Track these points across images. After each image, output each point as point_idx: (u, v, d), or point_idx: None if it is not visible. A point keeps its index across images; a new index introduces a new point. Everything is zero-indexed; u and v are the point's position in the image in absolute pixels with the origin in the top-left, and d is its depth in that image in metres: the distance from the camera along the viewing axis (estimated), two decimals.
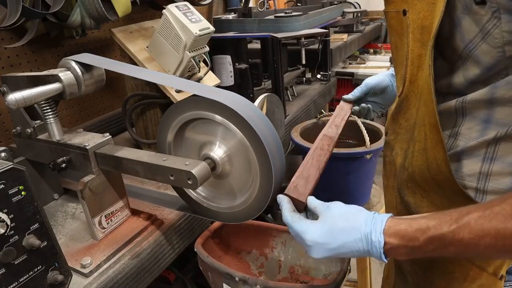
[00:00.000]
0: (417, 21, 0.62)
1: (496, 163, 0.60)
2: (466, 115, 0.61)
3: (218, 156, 0.79)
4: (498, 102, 0.57)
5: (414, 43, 0.64)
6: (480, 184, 0.62)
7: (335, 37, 2.52)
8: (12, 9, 0.96)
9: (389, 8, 0.70)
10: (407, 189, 0.73)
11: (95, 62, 0.84)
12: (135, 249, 0.84)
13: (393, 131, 0.79)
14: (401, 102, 0.73)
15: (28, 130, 0.89)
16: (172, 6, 1.12)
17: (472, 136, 0.61)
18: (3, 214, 0.62)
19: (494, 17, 0.52)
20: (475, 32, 0.55)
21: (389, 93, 1.09)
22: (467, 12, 0.55)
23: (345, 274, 0.91)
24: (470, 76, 0.59)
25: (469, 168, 0.63)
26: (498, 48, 0.53)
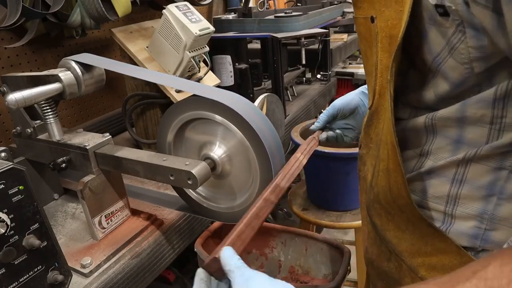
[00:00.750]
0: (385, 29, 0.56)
1: (465, 186, 0.54)
2: (436, 133, 0.56)
3: (218, 156, 0.79)
4: (468, 121, 0.51)
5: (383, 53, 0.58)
6: (448, 208, 0.56)
7: (335, 37, 2.52)
8: (12, 9, 0.96)
9: (358, 13, 0.64)
10: (373, 210, 0.68)
11: (95, 62, 0.84)
12: (135, 249, 0.84)
13: (365, 145, 0.72)
14: (371, 115, 0.67)
15: (28, 130, 0.89)
16: (172, 6, 1.12)
17: (442, 156, 0.56)
18: (3, 214, 0.62)
19: (459, 31, 0.46)
20: (442, 45, 0.50)
21: (361, 114, 0.96)
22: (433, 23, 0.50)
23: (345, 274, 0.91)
24: (440, 92, 0.53)
25: (436, 189, 0.57)
26: (465, 65, 0.48)
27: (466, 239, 0.54)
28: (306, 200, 1.52)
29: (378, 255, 0.69)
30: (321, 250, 1.05)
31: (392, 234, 0.63)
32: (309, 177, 1.49)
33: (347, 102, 0.96)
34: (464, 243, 0.54)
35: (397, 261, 0.63)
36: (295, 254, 1.10)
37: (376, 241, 0.69)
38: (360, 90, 0.97)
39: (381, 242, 0.66)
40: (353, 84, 3.33)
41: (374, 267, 0.73)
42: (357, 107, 0.95)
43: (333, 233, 2.53)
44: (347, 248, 0.98)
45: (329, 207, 1.44)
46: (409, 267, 0.61)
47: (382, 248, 0.67)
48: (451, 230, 0.56)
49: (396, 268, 0.64)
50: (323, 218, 1.41)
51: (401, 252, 0.62)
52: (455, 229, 0.55)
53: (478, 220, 0.53)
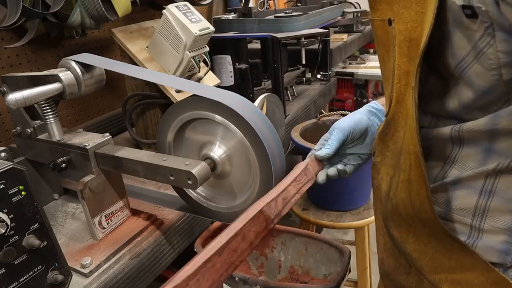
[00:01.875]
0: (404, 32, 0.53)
1: (495, 198, 0.51)
2: (464, 143, 0.53)
3: (218, 156, 0.79)
4: (500, 133, 0.49)
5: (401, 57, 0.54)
6: (476, 221, 0.53)
7: (335, 37, 2.52)
8: (12, 9, 0.96)
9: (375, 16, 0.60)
10: (392, 221, 0.64)
11: (95, 62, 0.84)
12: (135, 249, 0.84)
13: (380, 152, 0.67)
14: (388, 123, 0.63)
15: (28, 130, 0.89)
16: (172, 6, 1.12)
17: (469, 165, 0.53)
18: (3, 214, 0.62)
19: (488, 34, 0.43)
20: (467, 50, 0.46)
21: (371, 136, 0.78)
22: (458, 25, 0.46)
23: (345, 274, 0.91)
24: (464, 100, 0.50)
25: (463, 201, 0.54)
26: (493, 71, 0.45)
27: (495, 255, 0.51)
28: (306, 200, 1.52)
29: (395, 268, 0.66)
30: (321, 250, 1.05)
31: (412, 248, 0.60)
32: None
33: (356, 123, 0.77)
34: (493, 259, 0.51)
35: (418, 276, 0.60)
36: (295, 254, 1.10)
37: (394, 253, 0.65)
38: (365, 109, 0.81)
39: (400, 254, 0.63)
40: (353, 84, 3.34)
41: (391, 280, 0.69)
42: (366, 128, 0.77)
43: (333, 233, 2.53)
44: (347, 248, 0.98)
45: (329, 207, 1.44)
46: (431, 282, 0.58)
47: (401, 261, 0.63)
48: (478, 244, 0.52)
49: (416, 282, 0.61)
50: (323, 218, 1.41)
51: (422, 267, 0.58)
52: (483, 243, 0.52)
53: (508, 235, 0.50)
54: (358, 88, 3.35)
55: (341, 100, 3.37)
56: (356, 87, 3.36)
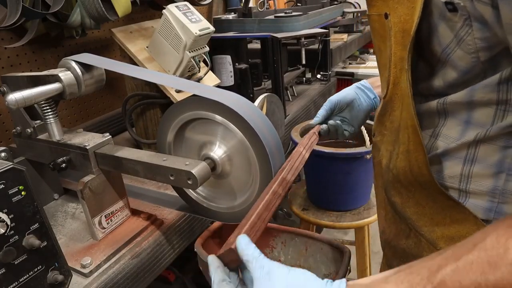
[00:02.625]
0: (399, 24, 0.62)
1: (476, 165, 0.59)
2: (447, 115, 0.62)
3: (218, 156, 0.79)
4: (476, 104, 0.57)
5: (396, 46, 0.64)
6: (462, 186, 0.61)
7: (335, 37, 2.52)
8: (12, 9, 0.96)
9: (372, 11, 0.70)
10: (393, 189, 0.72)
11: (95, 62, 0.84)
12: (135, 249, 0.84)
13: (379, 132, 0.78)
14: (385, 104, 0.73)
15: (28, 130, 0.89)
16: (172, 6, 1.12)
17: (452, 136, 0.61)
18: (3, 214, 0.62)
19: (466, 25, 0.52)
20: (450, 38, 0.55)
21: (356, 107, 1.01)
22: (442, 18, 0.55)
23: (345, 274, 0.91)
24: (448, 79, 0.59)
25: (451, 170, 0.62)
26: (472, 54, 0.54)
27: (481, 212, 0.59)
28: (306, 200, 1.52)
29: (396, 234, 0.73)
30: (321, 250, 1.05)
31: (412, 210, 0.67)
32: (309, 177, 1.49)
33: (343, 96, 1.01)
34: (480, 216, 0.58)
35: (416, 237, 0.67)
36: (295, 254, 1.10)
37: (395, 221, 0.73)
38: (354, 85, 1.01)
39: (400, 220, 0.71)
40: None
41: (391, 247, 0.78)
42: (353, 100, 1.00)
43: (333, 233, 2.53)
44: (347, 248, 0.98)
45: (329, 207, 1.44)
46: (428, 241, 0.65)
47: (402, 226, 0.71)
48: (467, 204, 0.60)
49: (415, 243, 0.69)
50: (323, 218, 1.41)
51: (421, 227, 0.66)
52: (471, 203, 0.60)
53: (490, 195, 0.58)
54: None
55: None
56: None
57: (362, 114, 1.01)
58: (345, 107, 1.02)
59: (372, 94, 1.00)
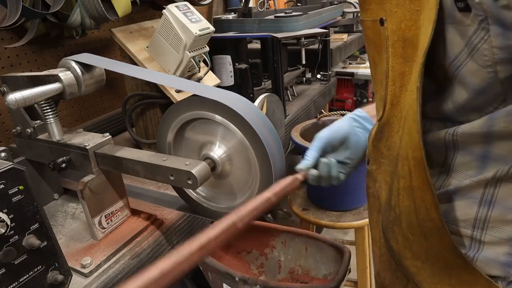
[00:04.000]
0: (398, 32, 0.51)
1: (496, 208, 0.48)
2: (458, 149, 0.50)
3: (218, 156, 0.79)
4: (497, 136, 0.45)
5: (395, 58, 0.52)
6: (476, 232, 0.50)
7: (335, 37, 2.52)
8: (12, 9, 0.96)
9: (365, 16, 0.57)
10: (391, 233, 0.60)
11: (95, 62, 0.84)
12: (135, 249, 0.84)
13: (374, 160, 0.65)
14: (381, 127, 0.60)
15: (28, 130, 0.89)
16: (172, 6, 1.12)
17: (467, 173, 0.50)
18: (3, 214, 0.62)
19: (482, 29, 0.40)
20: (460, 47, 0.44)
21: (353, 143, 0.76)
22: (451, 21, 0.43)
23: (345, 274, 0.91)
24: (458, 101, 0.47)
25: (463, 212, 0.51)
26: (489, 68, 0.42)
27: (496, 267, 0.49)
28: (306, 200, 1.52)
29: (392, 282, 0.63)
30: (321, 250, 1.05)
31: (410, 263, 0.57)
32: None
33: (334, 131, 0.77)
34: (495, 272, 0.49)
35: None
36: (295, 254, 1.10)
37: (390, 266, 0.63)
38: (347, 116, 0.80)
39: (397, 267, 0.60)
40: (353, 84, 3.33)
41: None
42: (347, 136, 0.76)
43: (333, 233, 2.52)
44: (347, 248, 0.98)
45: (329, 207, 1.44)
46: None
47: (398, 274, 0.61)
48: (479, 257, 0.50)
49: None
50: (323, 218, 1.41)
51: (421, 282, 0.56)
52: (484, 256, 0.50)
53: (511, 245, 0.48)
54: (358, 88, 3.35)
55: (341, 100, 3.37)
56: (356, 87, 3.36)
57: (361, 151, 0.77)
58: (338, 145, 0.77)
59: (370, 126, 0.77)
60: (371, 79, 0.65)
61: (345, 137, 0.76)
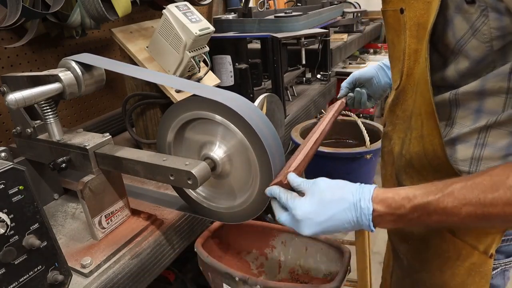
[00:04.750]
0: (414, 18, 0.67)
1: (487, 149, 0.64)
2: (459, 106, 0.66)
3: (218, 156, 0.79)
4: (487, 93, 0.61)
5: (411, 39, 0.69)
6: (472, 168, 0.66)
7: (335, 37, 2.52)
8: (12, 9, 0.96)
9: (387, 7, 0.75)
10: (405, 174, 0.77)
11: (95, 62, 0.84)
12: (135, 249, 0.84)
13: (390, 122, 0.83)
14: (398, 94, 0.77)
15: (28, 130, 0.89)
16: (172, 6, 1.12)
17: (466, 124, 0.66)
18: (3, 214, 0.62)
19: (483, 15, 0.57)
20: (465, 29, 0.59)
21: (375, 84, 1.13)
22: (459, 11, 0.59)
23: (345, 274, 0.91)
24: (460, 69, 0.63)
25: (462, 153, 0.67)
26: (487, 43, 0.58)
27: None
28: None
29: None
30: (321, 250, 1.05)
31: None
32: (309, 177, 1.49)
33: (364, 72, 1.13)
34: None
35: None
36: (295, 254, 1.10)
37: None
38: (378, 64, 1.13)
39: None
40: None
41: (398, 231, 0.85)
42: (372, 77, 1.12)
43: None
44: (347, 248, 0.98)
45: None
46: None
47: None
48: None
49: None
50: None
51: None
52: None
53: None
54: None
55: None
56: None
57: (380, 90, 1.13)
58: (364, 83, 1.14)
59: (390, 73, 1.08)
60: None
61: (370, 78, 1.13)
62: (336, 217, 0.60)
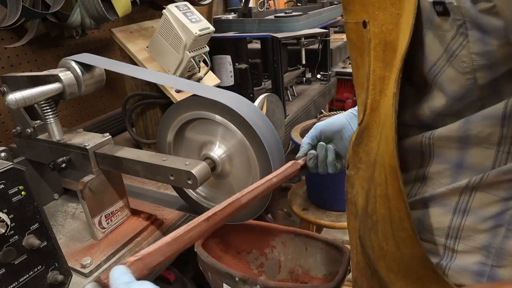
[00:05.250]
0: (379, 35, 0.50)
1: (469, 217, 0.47)
2: (434, 155, 0.49)
3: (218, 156, 0.79)
4: (472, 141, 0.44)
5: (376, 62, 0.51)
6: (450, 241, 0.49)
7: (335, 37, 2.52)
8: (12, 9, 0.96)
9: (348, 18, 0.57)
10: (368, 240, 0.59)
11: (95, 62, 0.84)
12: (135, 249, 0.84)
13: (354, 165, 0.64)
14: (361, 132, 0.60)
15: (28, 130, 0.89)
16: (172, 6, 1.12)
17: (442, 181, 0.49)
18: (3, 214, 0.62)
19: (460, 34, 0.39)
20: (439, 53, 0.43)
21: (346, 138, 0.81)
22: (430, 26, 0.42)
23: (345, 274, 0.91)
24: (436, 106, 0.46)
25: (437, 220, 0.50)
26: (468, 75, 0.41)
27: (469, 277, 0.47)
28: (306, 200, 1.52)
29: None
30: (321, 250, 1.05)
31: (384, 273, 0.55)
32: (309, 177, 1.49)
33: (331, 123, 0.82)
34: (466, 281, 0.48)
35: None
36: (295, 254, 1.10)
37: (366, 273, 0.62)
38: (348, 111, 0.84)
39: (372, 275, 0.59)
40: (353, 84, 3.33)
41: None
42: (342, 129, 0.81)
43: (333, 233, 2.52)
44: (347, 248, 0.98)
45: (329, 207, 1.44)
46: None
47: (373, 283, 0.59)
48: (451, 266, 0.49)
49: None
50: (323, 218, 1.41)
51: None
52: (457, 265, 0.48)
53: (483, 255, 0.47)
54: None
55: (341, 100, 3.36)
56: None
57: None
58: (331, 137, 0.82)
59: None
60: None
61: (339, 129, 0.81)
62: None
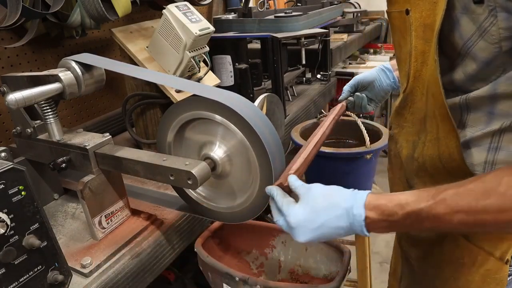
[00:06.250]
0: (420, 19, 0.66)
1: (501, 153, 0.62)
2: (470, 110, 0.64)
3: (218, 156, 0.79)
4: (500, 97, 0.59)
5: (417, 40, 0.67)
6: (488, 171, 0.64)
7: (335, 37, 2.52)
8: (12, 9, 0.96)
9: (392, 8, 0.74)
10: (417, 178, 0.76)
11: (95, 62, 0.84)
12: (135, 249, 0.84)
13: (397, 125, 0.82)
14: (405, 97, 0.76)
15: (28, 130, 0.89)
16: (172, 6, 1.12)
17: (478, 127, 0.64)
18: (3, 214, 0.62)
19: (491, 15, 0.55)
20: (472, 31, 0.58)
21: (377, 87, 1.13)
22: (466, 11, 0.58)
23: (345, 274, 0.91)
24: (468, 71, 0.61)
25: (476, 157, 0.65)
26: (495, 44, 0.56)
27: None
28: None
29: None
30: (321, 250, 1.05)
31: None
32: (309, 177, 1.49)
33: (366, 75, 1.14)
34: None
35: None
36: (295, 254, 1.10)
37: None
38: (378, 66, 1.13)
39: None
40: None
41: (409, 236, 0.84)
42: (374, 80, 1.12)
43: None
44: (347, 248, 0.98)
45: None
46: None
47: None
48: None
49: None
50: None
51: None
52: None
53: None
54: None
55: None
56: None
57: (382, 93, 1.13)
58: (366, 86, 1.14)
59: (391, 76, 1.11)
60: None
61: (372, 81, 1.13)
62: (329, 224, 0.60)
